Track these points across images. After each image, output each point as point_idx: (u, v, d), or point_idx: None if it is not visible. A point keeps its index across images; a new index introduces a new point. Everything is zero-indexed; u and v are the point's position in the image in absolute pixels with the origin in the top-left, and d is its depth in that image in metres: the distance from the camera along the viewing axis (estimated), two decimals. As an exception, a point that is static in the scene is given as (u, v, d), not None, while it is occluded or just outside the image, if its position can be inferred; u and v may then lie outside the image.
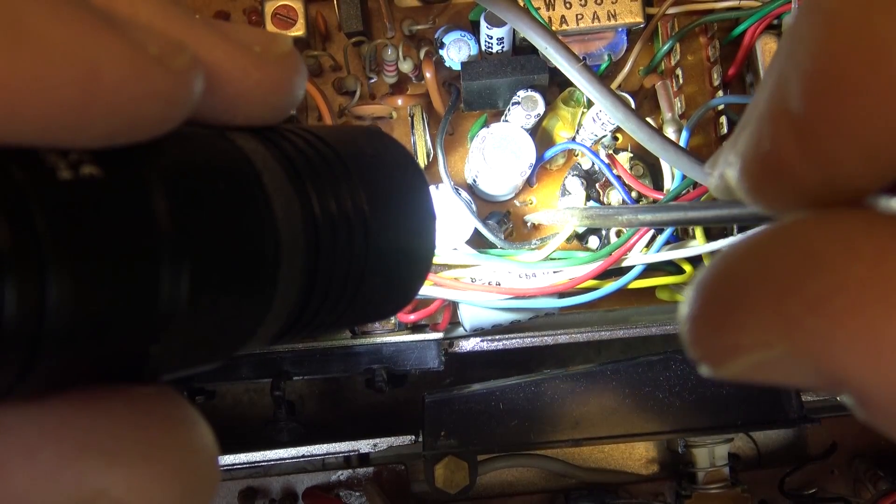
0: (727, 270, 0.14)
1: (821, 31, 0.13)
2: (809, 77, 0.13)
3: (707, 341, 0.14)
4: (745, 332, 0.14)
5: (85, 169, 0.13)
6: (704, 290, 0.14)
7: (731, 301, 0.14)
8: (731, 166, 0.15)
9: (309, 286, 0.17)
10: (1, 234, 0.11)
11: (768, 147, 0.14)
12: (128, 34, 0.13)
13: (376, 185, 0.19)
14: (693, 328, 0.14)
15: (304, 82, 0.18)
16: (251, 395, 0.67)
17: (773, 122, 0.14)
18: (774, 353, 0.13)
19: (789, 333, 0.13)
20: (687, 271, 0.54)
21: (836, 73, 0.12)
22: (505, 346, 0.54)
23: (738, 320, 0.14)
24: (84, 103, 0.12)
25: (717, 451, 0.62)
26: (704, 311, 0.14)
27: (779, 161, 0.14)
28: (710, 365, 0.14)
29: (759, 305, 0.13)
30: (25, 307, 0.12)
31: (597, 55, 0.56)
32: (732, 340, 0.14)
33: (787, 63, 0.13)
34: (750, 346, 0.14)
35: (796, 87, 0.13)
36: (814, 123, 0.13)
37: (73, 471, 0.13)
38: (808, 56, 0.13)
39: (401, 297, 0.22)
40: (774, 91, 0.14)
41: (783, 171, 0.14)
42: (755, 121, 0.14)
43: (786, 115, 0.13)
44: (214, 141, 0.16)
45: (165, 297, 0.14)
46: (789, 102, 0.13)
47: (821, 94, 0.13)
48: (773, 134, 0.14)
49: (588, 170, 0.57)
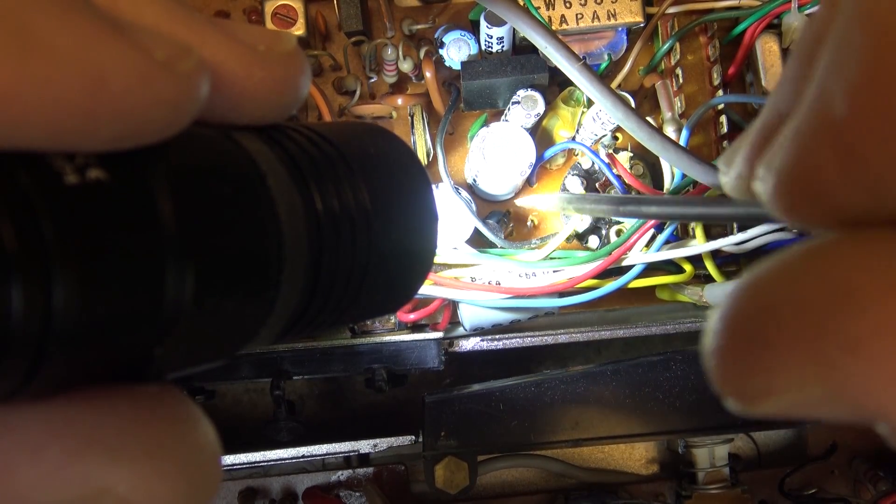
0: (756, 303, 0.13)
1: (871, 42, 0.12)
2: (858, 91, 0.12)
3: (736, 380, 0.14)
4: (779, 373, 0.13)
5: (91, 173, 0.13)
6: (732, 324, 0.14)
7: (761, 338, 0.13)
8: (761, 181, 0.14)
9: (312, 286, 0.18)
10: (8, 238, 0.11)
11: (808, 165, 0.13)
12: (134, 39, 0.13)
13: (379, 185, 0.19)
14: (720, 365, 0.14)
15: (308, 81, 0.18)
16: (251, 395, 0.67)
17: (814, 139, 0.13)
18: (810, 394, 0.13)
19: (826, 376, 0.12)
20: (687, 270, 0.54)
21: (888, 88, 0.12)
22: (505, 345, 0.54)
23: (771, 361, 0.13)
24: (90, 109, 0.12)
25: (717, 452, 0.62)
26: (732, 347, 0.14)
27: (819, 180, 0.13)
28: (739, 403, 0.14)
29: (792, 345, 0.13)
30: (32, 310, 0.12)
31: (597, 54, 0.55)
32: (765, 382, 0.13)
33: (829, 76, 0.13)
34: (784, 388, 0.13)
35: (842, 101, 0.12)
36: (860, 140, 0.12)
37: (78, 468, 0.13)
38: (856, 69, 0.12)
39: (401, 296, 0.22)
40: (816, 105, 0.13)
41: (823, 191, 0.13)
42: (793, 136, 0.13)
43: (829, 131, 0.13)
44: (219, 142, 0.16)
45: (170, 300, 0.14)
46: (834, 118, 0.12)
47: (870, 110, 0.12)
48: (814, 151, 0.13)
49: (588, 169, 0.57)
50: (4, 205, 0.12)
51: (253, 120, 0.17)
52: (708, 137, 0.57)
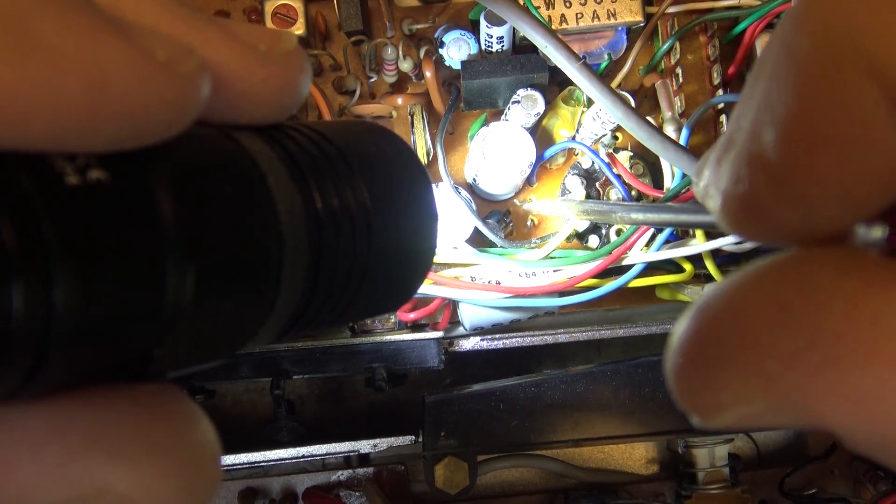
0: (704, 327, 0.14)
1: (796, 82, 0.13)
2: (784, 127, 0.13)
3: (692, 398, 0.15)
4: (725, 390, 0.14)
5: (92, 174, 0.13)
6: (684, 348, 0.15)
7: (709, 359, 0.14)
8: (711, 199, 0.15)
9: (311, 286, 0.18)
10: (9, 239, 0.12)
11: (745, 190, 0.14)
12: (135, 40, 0.13)
13: (379, 184, 0.19)
14: (677, 384, 0.15)
15: (308, 80, 0.18)
16: (251, 395, 0.67)
17: (749, 167, 0.14)
18: (756, 407, 0.14)
19: (768, 390, 0.13)
20: (687, 270, 0.54)
21: (811, 126, 0.13)
22: (505, 345, 0.54)
23: (718, 379, 0.14)
24: (92, 110, 0.12)
25: (717, 452, 0.62)
26: (685, 369, 0.15)
27: (756, 203, 0.14)
28: (698, 417, 0.15)
29: (736, 364, 0.14)
30: (33, 310, 0.12)
31: (597, 54, 0.55)
32: (715, 398, 0.14)
33: (762, 109, 0.14)
34: (732, 404, 0.14)
35: (771, 134, 0.13)
36: (789, 170, 0.13)
37: (79, 466, 0.13)
38: (782, 105, 0.13)
39: (401, 295, 0.22)
40: (750, 137, 0.14)
41: (761, 212, 0.14)
42: (732, 162, 0.14)
43: (761, 162, 0.14)
44: (220, 142, 0.16)
45: (170, 300, 0.14)
46: (764, 149, 0.13)
47: (795, 144, 0.13)
48: (749, 178, 0.14)
49: (588, 169, 0.57)
50: (5, 205, 0.12)
51: (254, 119, 0.17)
52: (708, 137, 0.57)
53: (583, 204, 0.53)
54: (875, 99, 0.12)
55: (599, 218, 0.52)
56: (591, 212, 0.52)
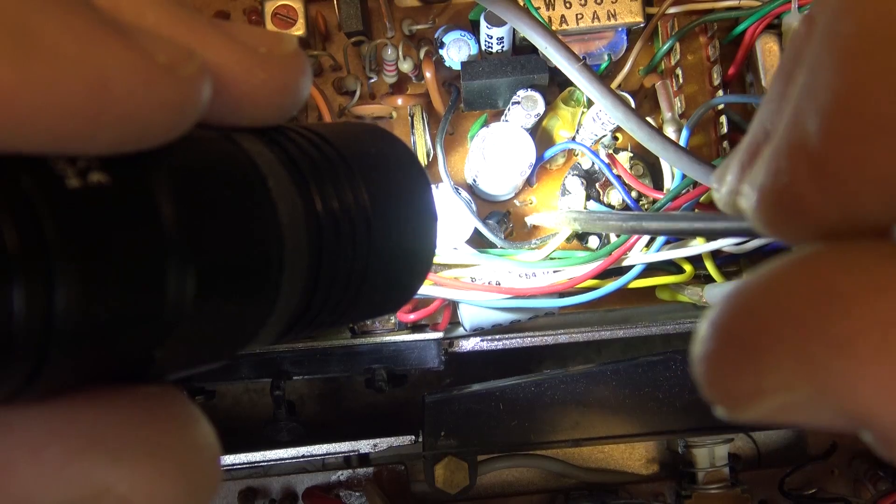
0: (745, 308, 0.14)
1: (841, 67, 0.12)
2: (829, 114, 0.13)
3: (725, 384, 0.14)
4: (767, 375, 0.13)
5: (93, 176, 0.13)
6: (721, 329, 0.14)
7: (750, 342, 0.13)
8: (745, 198, 0.15)
9: (311, 287, 0.18)
10: (11, 241, 0.12)
11: (786, 183, 0.14)
12: (136, 42, 0.13)
13: (379, 186, 0.19)
14: (709, 369, 0.14)
15: (309, 83, 0.18)
16: (251, 395, 0.67)
17: (790, 159, 0.13)
18: (798, 396, 0.13)
19: (814, 376, 0.12)
20: (687, 271, 0.54)
21: (856, 111, 0.12)
22: (505, 346, 0.54)
23: (760, 363, 0.13)
24: (93, 113, 0.12)
25: (717, 452, 0.62)
26: (722, 352, 0.14)
27: (797, 197, 0.13)
28: (728, 408, 0.14)
29: (781, 347, 0.13)
30: (34, 311, 0.12)
31: (597, 55, 0.56)
32: (753, 384, 0.13)
33: (804, 98, 0.13)
34: (772, 390, 0.13)
35: (815, 123, 0.13)
36: (833, 161, 0.13)
37: (79, 468, 0.13)
38: (827, 92, 0.13)
39: (401, 296, 0.22)
40: (792, 127, 0.13)
41: (801, 208, 0.13)
42: (770, 156, 0.14)
43: (804, 152, 0.13)
44: (220, 144, 0.16)
45: (171, 301, 0.14)
46: (807, 139, 0.13)
47: (841, 133, 0.12)
48: (790, 170, 0.13)
49: (588, 169, 0.57)
50: (7, 207, 0.12)
51: (254, 122, 0.17)
52: (708, 137, 0.57)
53: (590, 215, 0.53)
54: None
55: (608, 229, 0.52)
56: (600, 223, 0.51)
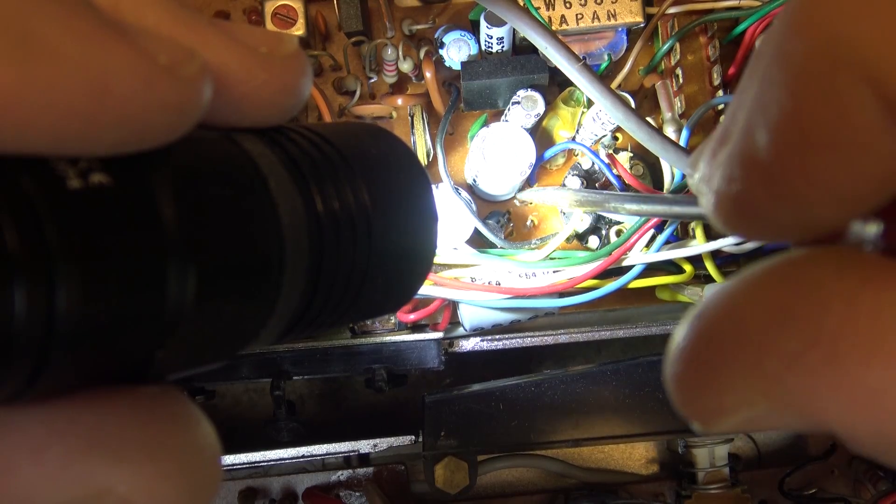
0: (703, 331, 0.14)
1: (789, 85, 0.13)
2: (777, 129, 0.13)
3: (692, 403, 0.15)
4: (726, 394, 0.14)
5: (94, 177, 0.13)
6: (683, 353, 0.15)
7: (709, 364, 0.14)
8: (704, 196, 0.15)
9: (312, 288, 0.18)
10: (11, 242, 0.12)
11: (739, 190, 0.14)
12: (137, 43, 0.13)
13: (380, 186, 0.19)
14: (676, 390, 0.15)
15: (310, 83, 0.18)
16: (251, 395, 0.67)
17: (742, 167, 0.14)
18: (759, 410, 0.14)
19: (770, 392, 0.13)
20: (687, 271, 0.54)
21: (804, 128, 0.13)
22: (505, 346, 0.54)
23: (719, 383, 0.14)
24: (94, 114, 0.12)
25: (717, 452, 0.62)
26: (685, 374, 0.15)
27: (750, 202, 0.14)
28: (699, 423, 0.15)
29: (737, 367, 0.14)
30: (35, 312, 0.12)
31: (597, 55, 0.55)
32: (717, 402, 0.14)
33: (755, 111, 0.14)
34: (735, 407, 0.14)
35: (764, 135, 0.13)
36: (782, 171, 0.13)
37: (80, 469, 0.13)
38: (776, 108, 0.13)
39: (401, 296, 0.22)
40: (743, 137, 0.14)
41: (754, 211, 0.14)
42: (725, 162, 0.14)
43: (754, 162, 0.14)
44: (221, 145, 0.16)
45: (172, 302, 0.14)
46: (758, 150, 0.14)
47: (788, 145, 0.13)
48: (743, 178, 0.14)
49: (588, 169, 0.57)
50: (8, 208, 0.12)
51: (255, 122, 0.17)
52: (708, 137, 0.57)
53: (577, 193, 0.53)
54: (868, 102, 0.12)
55: (592, 208, 0.52)
56: (585, 201, 0.52)
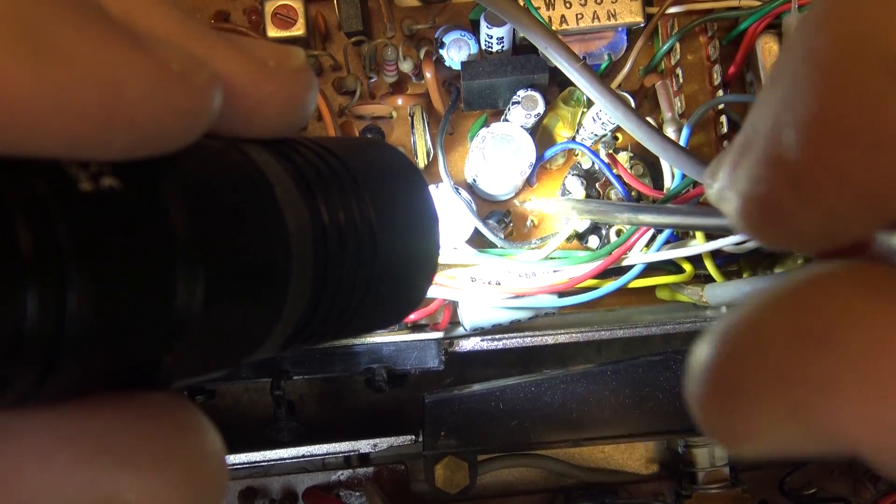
0: (728, 355, 0.14)
1: (817, 81, 0.13)
2: (806, 127, 0.13)
3: (720, 426, 0.14)
4: (756, 418, 0.14)
5: (105, 181, 0.13)
6: (709, 376, 0.14)
7: (737, 388, 0.14)
8: (728, 202, 0.15)
9: (317, 297, 0.18)
10: (25, 244, 0.12)
11: (766, 191, 0.14)
12: (151, 50, 0.13)
13: (383, 198, 0.20)
14: (703, 412, 0.15)
15: (315, 97, 0.18)
16: (251, 395, 0.67)
17: (769, 169, 0.14)
18: (789, 434, 0.13)
19: (800, 417, 0.13)
20: (687, 270, 0.54)
21: (832, 125, 0.13)
22: (505, 345, 0.54)
23: (747, 407, 0.14)
24: (107, 118, 0.13)
25: (718, 452, 0.62)
26: (712, 397, 0.14)
27: (776, 206, 0.14)
28: (727, 446, 0.14)
29: (766, 392, 0.13)
30: (46, 314, 0.12)
31: (597, 55, 0.55)
32: (744, 427, 0.14)
33: (782, 110, 0.14)
34: (764, 431, 0.14)
35: (792, 136, 0.13)
36: (811, 172, 0.13)
37: (87, 475, 0.13)
38: (804, 106, 0.13)
39: (405, 306, 0.22)
40: (770, 138, 0.14)
41: (781, 215, 0.14)
42: (751, 164, 0.14)
43: (782, 163, 0.13)
44: (229, 153, 0.16)
45: (181, 306, 0.14)
46: (785, 151, 0.13)
47: (818, 145, 0.13)
48: (770, 180, 0.14)
49: (588, 169, 0.57)
50: (21, 210, 0.12)
51: (261, 133, 0.17)
52: (708, 137, 0.57)
53: (587, 204, 0.53)
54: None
55: (603, 219, 0.52)
56: (596, 212, 0.52)
